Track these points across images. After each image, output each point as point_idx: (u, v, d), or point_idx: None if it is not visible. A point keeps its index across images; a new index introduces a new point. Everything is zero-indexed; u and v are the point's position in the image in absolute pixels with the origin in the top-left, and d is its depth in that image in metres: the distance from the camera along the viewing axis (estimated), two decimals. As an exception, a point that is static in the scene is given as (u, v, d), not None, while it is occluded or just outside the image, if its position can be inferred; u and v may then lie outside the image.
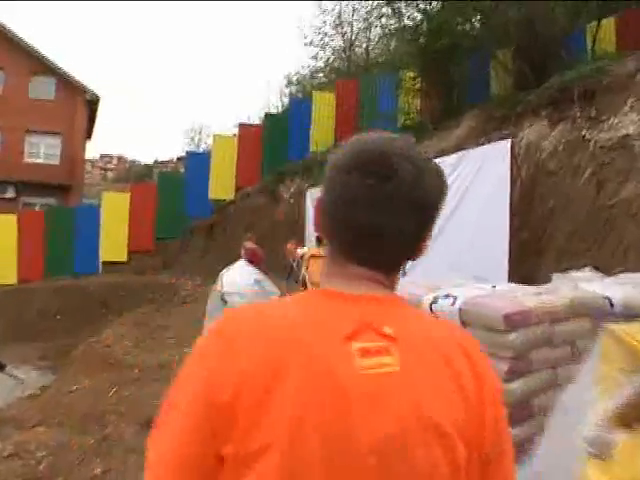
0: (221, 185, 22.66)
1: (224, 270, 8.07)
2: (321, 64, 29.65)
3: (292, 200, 20.60)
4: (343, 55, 28.43)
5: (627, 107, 8.92)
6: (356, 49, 28.47)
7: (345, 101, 20.98)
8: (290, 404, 1.19)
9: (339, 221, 1.40)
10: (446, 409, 1.26)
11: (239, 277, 7.70)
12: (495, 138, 10.99)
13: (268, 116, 22.26)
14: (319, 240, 11.88)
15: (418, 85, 18.47)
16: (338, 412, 1.20)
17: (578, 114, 10.17)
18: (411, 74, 18.46)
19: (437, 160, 1.56)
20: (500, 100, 13.73)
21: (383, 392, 1.24)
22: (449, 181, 1.54)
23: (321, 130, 21.21)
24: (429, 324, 1.46)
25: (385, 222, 1.36)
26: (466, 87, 16.40)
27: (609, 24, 14.06)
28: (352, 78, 23.10)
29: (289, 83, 32.42)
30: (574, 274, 5.62)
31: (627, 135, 8.43)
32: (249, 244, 8.48)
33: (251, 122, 23.09)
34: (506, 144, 9.96)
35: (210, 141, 23.64)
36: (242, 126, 22.20)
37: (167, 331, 14.03)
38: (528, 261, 9.32)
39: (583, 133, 9.32)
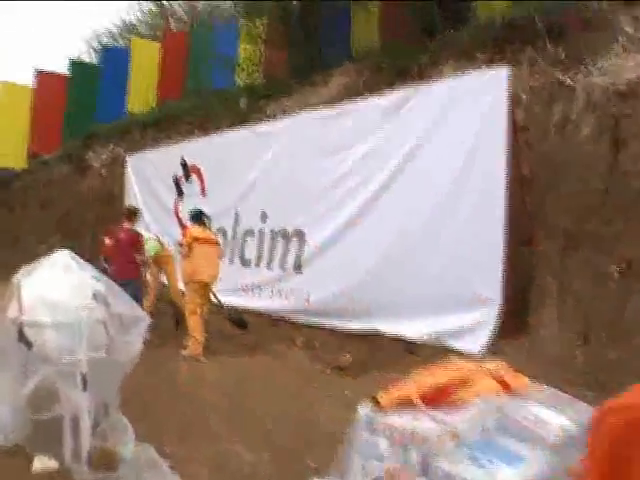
0: (8, 150, 17.64)
1: (21, 273, 4.27)
2: (136, 16, 25.18)
3: (104, 171, 16.39)
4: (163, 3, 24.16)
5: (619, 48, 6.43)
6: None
7: (173, 53, 17.03)
8: None
9: None
10: None
11: (61, 290, 3.99)
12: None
13: (75, 64, 17.68)
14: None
15: (264, 35, 15.32)
16: None
17: (537, 56, 7.54)
18: (257, 22, 15.19)
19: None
20: (387, 50, 10.99)
21: None
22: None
23: (141, 87, 17.07)
24: None
25: None
26: (326, 38, 13.50)
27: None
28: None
29: (97, 36, 27.29)
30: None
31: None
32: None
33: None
34: (498, 74, 6.93)
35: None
36: (40, 74, 17.35)
37: None
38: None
39: (560, 78, 6.69)
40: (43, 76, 17.55)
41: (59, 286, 4.01)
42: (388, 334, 7.48)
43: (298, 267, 8.91)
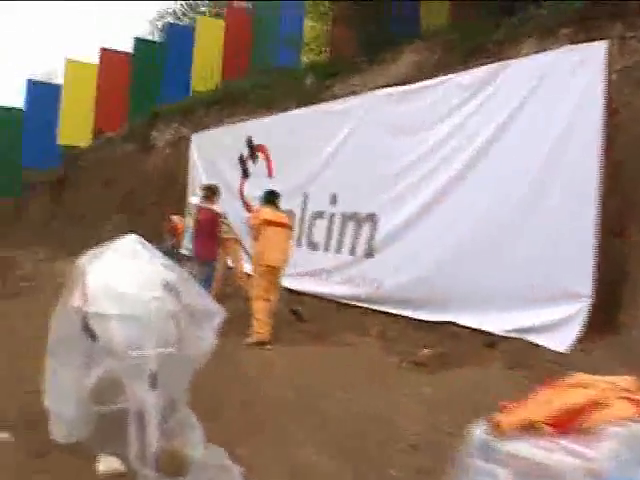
0: (74, 127, 17.66)
1: (85, 258, 3.91)
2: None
3: (168, 150, 16.22)
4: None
5: None
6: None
7: (237, 30, 16.64)
8: None
9: None
10: None
11: (129, 279, 3.61)
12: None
13: (139, 42, 17.49)
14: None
15: (331, 13, 14.84)
16: None
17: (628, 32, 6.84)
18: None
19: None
20: (459, 28, 10.46)
21: None
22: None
23: (205, 65, 16.78)
24: None
25: None
26: (395, 15, 12.91)
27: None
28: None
29: (161, 17, 27.12)
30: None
31: None
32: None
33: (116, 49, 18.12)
34: (595, 50, 6.28)
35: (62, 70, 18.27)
36: (105, 52, 17.21)
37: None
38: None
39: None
40: (108, 54, 17.45)
41: (126, 275, 3.63)
42: (466, 326, 6.97)
43: (370, 252, 8.40)
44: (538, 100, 6.61)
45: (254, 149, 11.68)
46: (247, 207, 11.77)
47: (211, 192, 8.96)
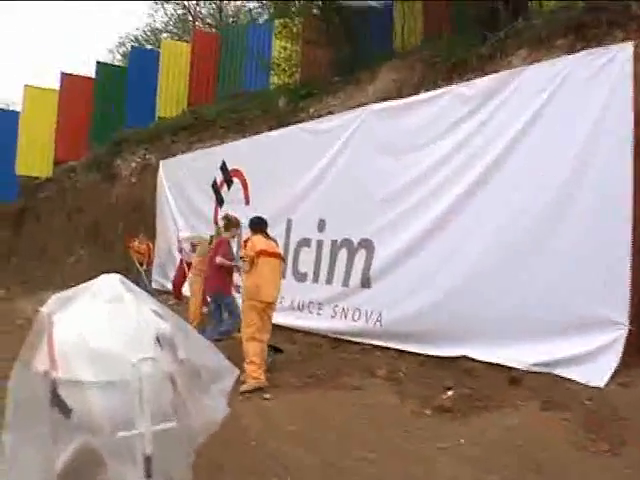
0: (34, 157, 16.65)
1: (51, 304, 2.99)
2: (161, 22, 24.07)
3: (134, 178, 15.25)
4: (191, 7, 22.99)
5: None
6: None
7: (203, 53, 15.87)
8: None
9: None
10: None
11: (112, 333, 2.69)
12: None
13: (102, 66, 16.48)
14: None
15: (302, 34, 14.21)
16: None
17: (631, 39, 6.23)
18: (295, 21, 14.06)
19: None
20: (437, 44, 10.21)
21: None
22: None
23: (171, 90, 15.99)
24: None
25: None
26: (369, 37, 12.39)
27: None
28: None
29: (121, 44, 26.13)
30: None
31: None
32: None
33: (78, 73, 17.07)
34: (619, 53, 5.58)
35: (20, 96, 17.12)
36: (66, 76, 16.20)
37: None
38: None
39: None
40: (69, 78, 16.47)
41: (107, 328, 2.72)
42: (481, 360, 6.17)
43: (366, 282, 7.52)
44: (558, 107, 5.91)
45: (229, 174, 10.80)
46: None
47: (230, 223, 8.23)
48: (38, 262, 16.24)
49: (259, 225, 6.64)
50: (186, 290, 10.24)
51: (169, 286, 12.31)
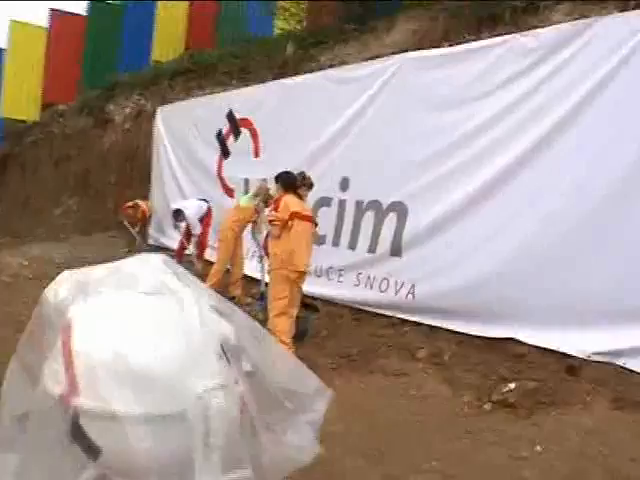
0: (20, 98, 15.43)
1: (66, 289, 2.13)
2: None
3: (128, 125, 14.16)
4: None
5: None
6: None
7: (205, -6, 14.71)
8: None
9: None
10: None
11: (160, 346, 1.83)
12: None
13: (95, 3, 15.22)
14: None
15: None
16: None
17: None
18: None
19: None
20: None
21: None
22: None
23: (168, 33, 14.79)
24: None
25: None
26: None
27: None
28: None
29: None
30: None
31: None
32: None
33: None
34: None
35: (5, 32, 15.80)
36: (55, 13, 14.88)
37: None
38: None
39: None
40: (59, 16, 15.13)
41: (155, 335, 1.89)
42: (532, 345, 5.42)
43: (397, 250, 6.69)
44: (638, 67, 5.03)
45: (236, 124, 9.80)
46: (227, 191, 9.95)
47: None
48: (22, 212, 15.24)
49: (291, 182, 5.72)
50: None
51: (165, 242, 11.47)
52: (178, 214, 9.74)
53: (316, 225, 6.04)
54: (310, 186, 6.31)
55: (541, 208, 5.49)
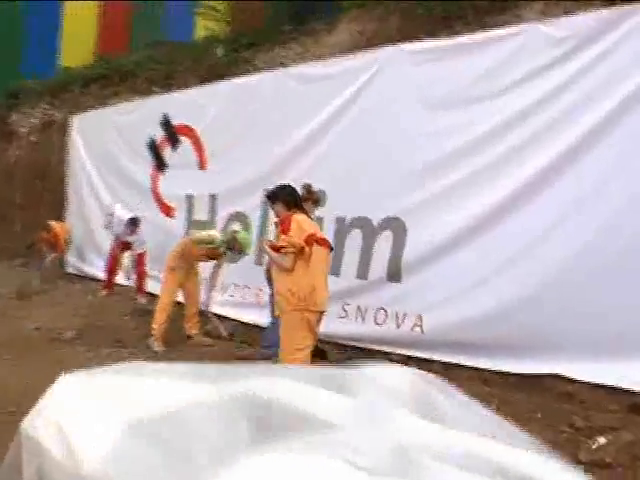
0: None
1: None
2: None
3: (35, 137, 12.41)
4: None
5: None
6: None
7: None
8: None
9: None
10: None
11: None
12: None
13: (-7, 1, 13.46)
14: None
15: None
16: None
17: None
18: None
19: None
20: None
21: None
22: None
23: (76, 36, 13.17)
24: None
25: None
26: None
27: None
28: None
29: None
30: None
31: None
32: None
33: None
34: None
35: None
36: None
37: None
38: None
39: None
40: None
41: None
42: (576, 381, 4.48)
43: (395, 274, 5.57)
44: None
45: (173, 131, 8.43)
46: (165, 210, 8.54)
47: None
48: None
49: (293, 197, 4.45)
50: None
51: (88, 270, 9.87)
52: (135, 223, 8.22)
53: (331, 250, 4.81)
54: (316, 202, 5.08)
55: (589, 217, 4.58)
